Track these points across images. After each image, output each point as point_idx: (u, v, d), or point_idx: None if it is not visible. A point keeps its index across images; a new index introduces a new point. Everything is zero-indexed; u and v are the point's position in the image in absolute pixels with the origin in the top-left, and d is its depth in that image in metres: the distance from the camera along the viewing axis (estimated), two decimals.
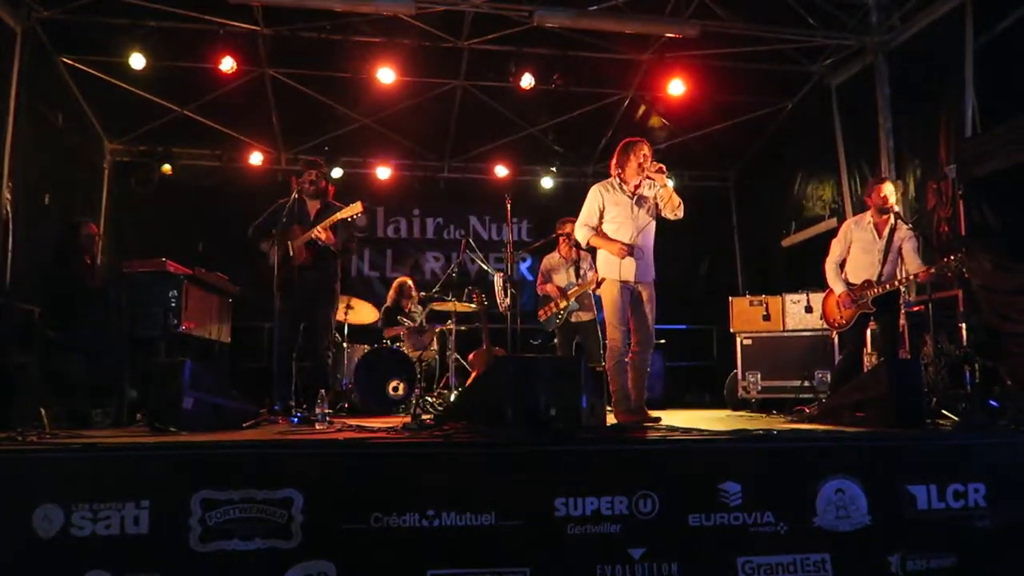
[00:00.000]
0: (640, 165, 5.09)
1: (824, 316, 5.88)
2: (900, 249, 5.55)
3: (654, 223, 5.17)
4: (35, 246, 6.88)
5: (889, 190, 5.64)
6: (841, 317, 5.63)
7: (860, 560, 3.65)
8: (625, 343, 4.99)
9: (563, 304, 6.62)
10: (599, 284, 5.14)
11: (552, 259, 6.94)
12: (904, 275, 5.49)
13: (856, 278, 5.61)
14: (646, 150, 5.13)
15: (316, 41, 7.68)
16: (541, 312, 7.08)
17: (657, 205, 5.12)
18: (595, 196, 5.20)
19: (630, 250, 4.97)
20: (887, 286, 5.43)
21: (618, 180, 5.19)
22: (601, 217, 5.15)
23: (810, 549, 3.62)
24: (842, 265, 5.74)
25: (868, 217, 5.71)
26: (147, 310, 5.22)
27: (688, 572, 3.50)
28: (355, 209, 5.69)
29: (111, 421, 4.73)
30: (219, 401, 4.47)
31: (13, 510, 3.11)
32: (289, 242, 5.55)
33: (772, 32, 7.68)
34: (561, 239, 6.83)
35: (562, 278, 6.77)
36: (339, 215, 5.63)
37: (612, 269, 5.02)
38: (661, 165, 5.01)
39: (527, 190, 9.97)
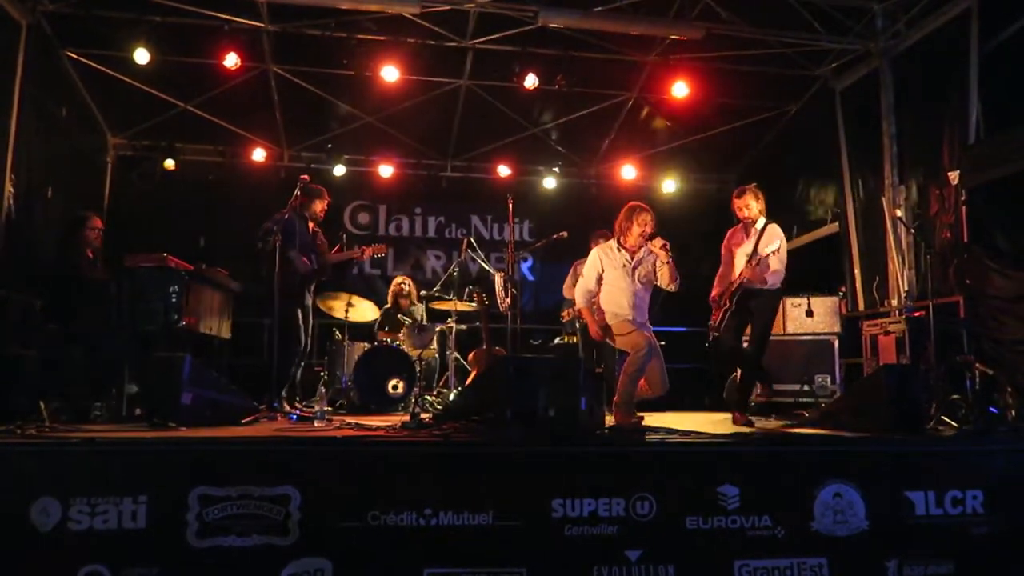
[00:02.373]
0: (642, 233, 5.27)
1: (711, 328, 5.94)
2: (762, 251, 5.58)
3: (651, 288, 5.43)
4: (37, 239, 6.88)
5: (742, 203, 5.69)
6: (715, 319, 5.78)
7: (857, 565, 3.66)
8: (651, 349, 5.15)
9: None
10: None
11: (583, 267, 7.01)
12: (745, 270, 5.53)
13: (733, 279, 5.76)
14: (649, 219, 5.30)
15: (320, 38, 7.68)
16: (564, 313, 7.48)
17: (655, 273, 5.34)
18: (595, 262, 5.42)
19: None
20: (734, 284, 5.59)
21: (617, 244, 5.38)
22: (599, 281, 5.38)
23: (807, 553, 3.62)
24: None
25: (741, 225, 5.82)
26: (148, 305, 5.22)
27: (685, 575, 3.50)
28: (381, 250, 7.10)
29: (110, 415, 4.73)
30: (218, 397, 4.48)
31: (11, 503, 3.11)
32: (319, 255, 6.30)
33: (776, 36, 7.67)
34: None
35: None
36: (373, 251, 7.02)
37: (619, 315, 5.27)
38: (665, 242, 5.17)
39: (529, 190, 9.96)
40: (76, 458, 3.26)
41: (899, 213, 7.14)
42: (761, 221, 5.67)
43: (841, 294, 7.91)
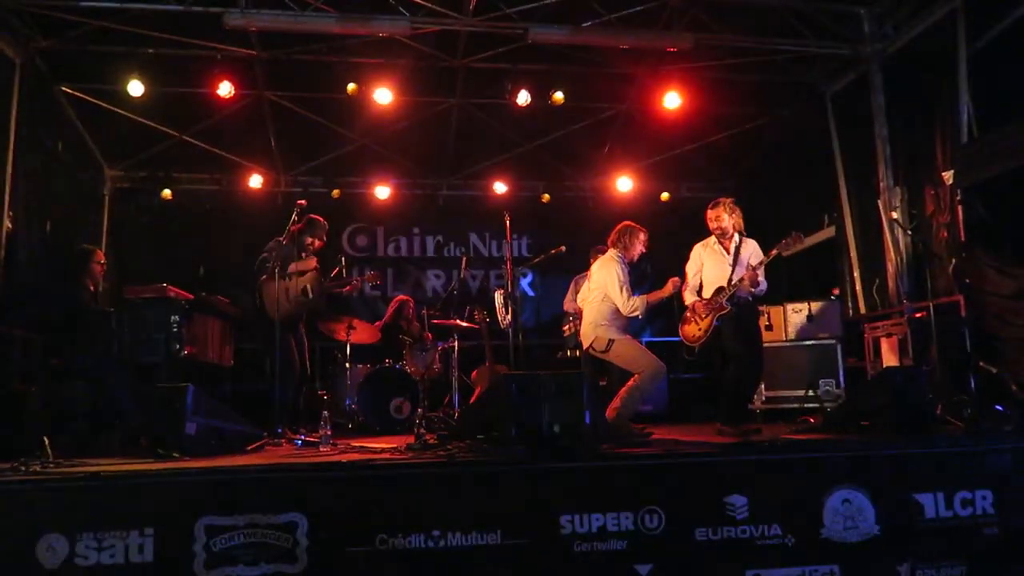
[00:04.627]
0: (641, 252, 5.62)
1: (684, 338, 5.75)
2: (748, 262, 5.52)
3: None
4: (37, 273, 6.89)
5: (714, 214, 5.65)
6: (699, 328, 5.57)
7: (869, 571, 3.64)
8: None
9: None
10: (610, 344, 5.37)
11: (583, 281, 7.02)
12: (746, 274, 5.41)
13: (710, 292, 5.61)
14: (646, 238, 5.64)
15: (313, 63, 7.73)
16: (565, 328, 7.53)
17: None
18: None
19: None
20: (737, 285, 5.42)
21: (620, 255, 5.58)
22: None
23: (818, 561, 3.61)
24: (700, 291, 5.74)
25: (713, 238, 5.72)
26: (149, 336, 5.22)
27: None
28: (374, 278, 7.34)
29: (114, 448, 4.71)
30: (222, 425, 4.47)
31: (17, 541, 3.10)
32: (308, 285, 6.17)
33: (765, 43, 7.72)
34: (592, 264, 6.90)
35: None
36: (366, 279, 7.21)
37: (620, 331, 5.40)
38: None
39: (526, 206, 9.96)
40: (81, 493, 3.25)
41: (895, 215, 7.15)
42: (738, 236, 5.65)
43: (834, 297, 7.91)
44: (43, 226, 7.29)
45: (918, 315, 6.44)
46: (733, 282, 5.45)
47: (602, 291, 5.46)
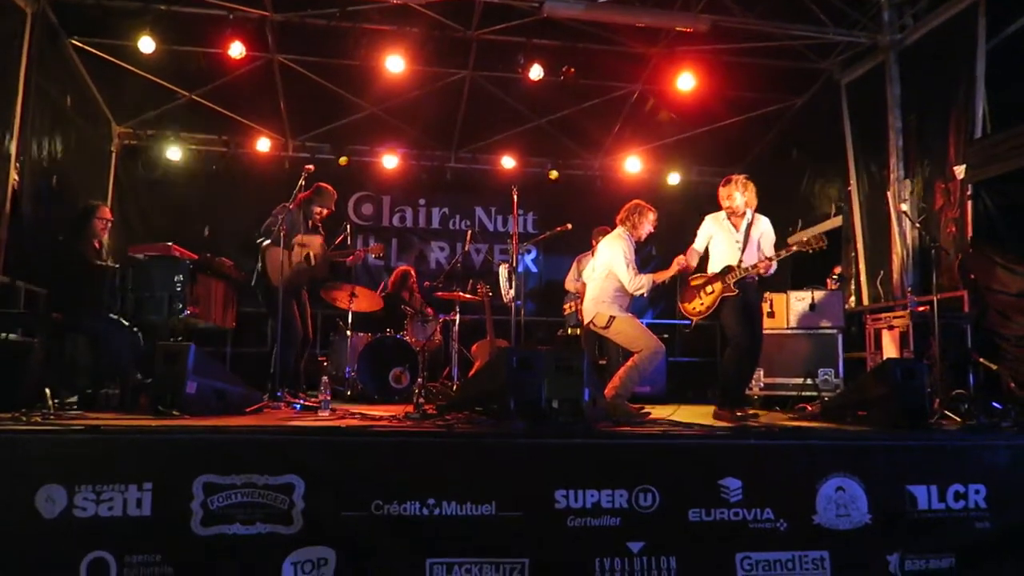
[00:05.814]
0: (648, 232, 5.67)
1: (684, 312, 5.67)
2: (759, 242, 5.48)
3: None
4: (43, 228, 6.88)
5: (726, 192, 5.57)
6: (702, 304, 5.49)
7: (859, 559, 3.67)
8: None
9: None
10: (610, 321, 5.38)
11: (586, 260, 7.01)
12: (760, 260, 5.36)
13: (718, 268, 5.53)
14: (653, 216, 5.70)
15: (325, 28, 7.66)
16: (566, 307, 7.63)
17: None
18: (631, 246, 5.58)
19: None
20: (748, 269, 5.34)
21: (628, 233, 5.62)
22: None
23: (809, 546, 3.63)
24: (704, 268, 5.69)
25: (723, 213, 5.64)
26: (152, 294, 5.22)
27: (686, 567, 3.51)
28: (377, 250, 7.18)
29: (115, 404, 4.75)
30: (222, 386, 4.50)
31: (16, 490, 3.13)
32: (312, 252, 6.22)
33: (783, 28, 7.64)
34: (595, 244, 6.89)
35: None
36: (369, 252, 7.12)
37: (621, 308, 5.44)
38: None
39: (534, 182, 9.92)
40: (81, 446, 3.27)
41: (904, 207, 7.12)
42: (750, 213, 5.57)
43: (835, 276, 7.90)
44: (49, 180, 7.27)
45: (921, 309, 6.44)
46: (745, 266, 5.40)
47: (607, 268, 5.45)
